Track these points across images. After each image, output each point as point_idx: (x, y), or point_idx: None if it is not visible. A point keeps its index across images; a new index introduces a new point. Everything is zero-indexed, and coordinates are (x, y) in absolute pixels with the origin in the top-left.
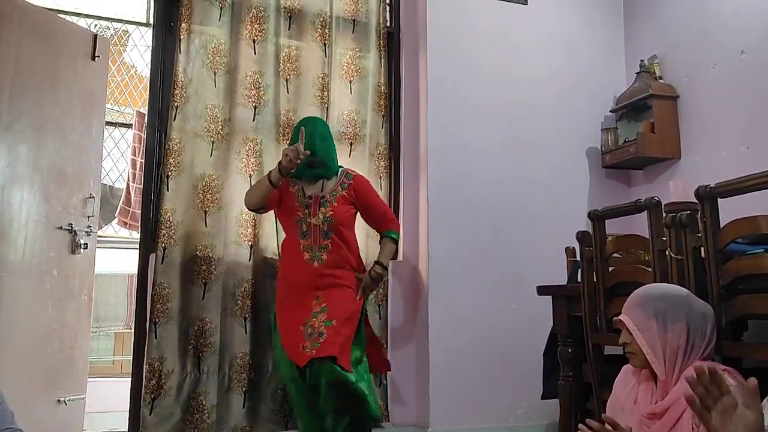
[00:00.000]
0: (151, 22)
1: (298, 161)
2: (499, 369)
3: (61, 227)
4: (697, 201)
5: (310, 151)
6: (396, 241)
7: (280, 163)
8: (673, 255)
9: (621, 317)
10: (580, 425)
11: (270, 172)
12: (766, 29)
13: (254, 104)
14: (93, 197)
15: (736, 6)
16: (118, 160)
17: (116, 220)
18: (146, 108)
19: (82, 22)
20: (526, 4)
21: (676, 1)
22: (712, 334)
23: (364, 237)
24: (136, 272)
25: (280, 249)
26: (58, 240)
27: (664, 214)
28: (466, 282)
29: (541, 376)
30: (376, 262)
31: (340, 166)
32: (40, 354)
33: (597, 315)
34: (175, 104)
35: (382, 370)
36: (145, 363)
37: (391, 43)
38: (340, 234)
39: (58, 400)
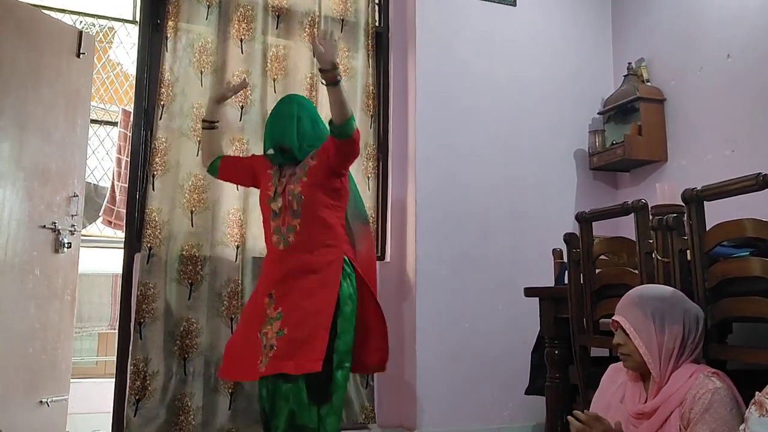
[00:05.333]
0: (138, 19)
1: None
2: (487, 370)
3: (44, 226)
4: (683, 204)
5: (278, 141)
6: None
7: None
8: (659, 257)
9: (616, 317)
10: (568, 416)
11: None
12: (751, 34)
13: (241, 104)
14: (77, 196)
15: (722, 11)
16: (103, 159)
17: (101, 219)
18: (132, 106)
19: (67, 19)
20: (515, 5)
21: (664, 5)
22: (702, 335)
23: None
24: (121, 272)
25: None
26: (41, 239)
27: (650, 217)
28: (454, 283)
29: (527, 378)
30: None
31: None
32: (22, 354)
33: (584, 317)
34: (162, 103)
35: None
36: (129, 364)
37: (380, 43)
38: (311, 212)
39: (41, 401)
